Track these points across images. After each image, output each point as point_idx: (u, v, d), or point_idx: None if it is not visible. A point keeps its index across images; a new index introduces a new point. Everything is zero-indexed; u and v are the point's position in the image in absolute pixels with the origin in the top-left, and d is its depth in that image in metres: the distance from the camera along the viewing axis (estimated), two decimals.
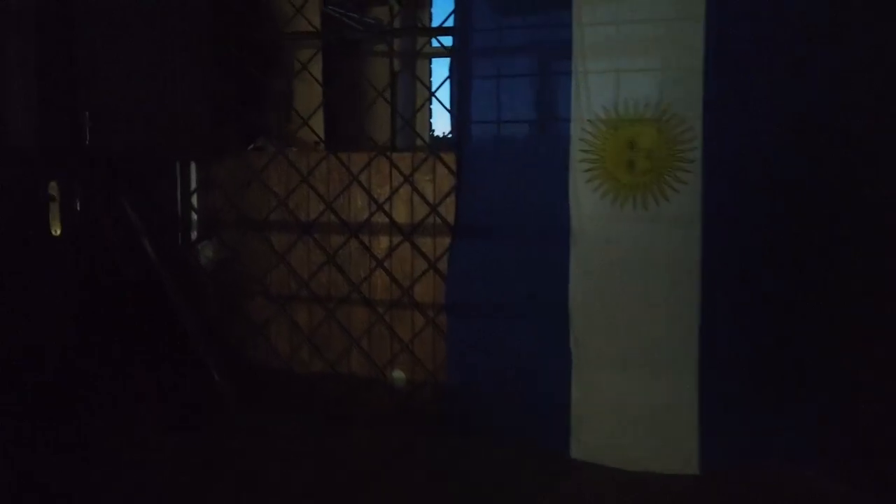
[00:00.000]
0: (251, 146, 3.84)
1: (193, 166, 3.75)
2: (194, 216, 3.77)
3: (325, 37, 3.93)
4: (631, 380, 2.77)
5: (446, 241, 3.23)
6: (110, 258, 2.82)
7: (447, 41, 3.21)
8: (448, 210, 3.25)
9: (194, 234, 3.80)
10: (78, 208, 2.51)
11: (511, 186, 3.00)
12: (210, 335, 3.57)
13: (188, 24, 3.18)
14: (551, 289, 2.89)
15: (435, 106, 5.85)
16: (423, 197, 3.37)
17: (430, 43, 5.21)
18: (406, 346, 3.42)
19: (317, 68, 3.86)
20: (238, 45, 3.46)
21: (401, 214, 3.45)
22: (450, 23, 3.15)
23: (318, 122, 3.97)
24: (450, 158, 3.25)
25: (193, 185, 3.74)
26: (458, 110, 3.12)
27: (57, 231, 2.43)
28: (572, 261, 2.86)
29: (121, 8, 2.89)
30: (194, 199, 3.75)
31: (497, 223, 3.04)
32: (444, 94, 5.46)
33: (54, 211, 2.43)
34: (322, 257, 3.53)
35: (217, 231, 3.74)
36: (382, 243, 3.48)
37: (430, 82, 5.73)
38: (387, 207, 3.43)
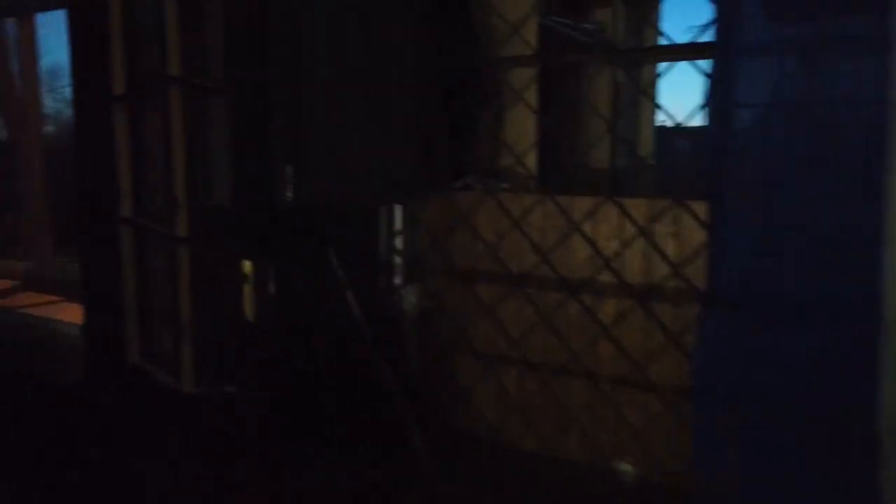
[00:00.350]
0: (458, 184, 3.46)
1: (398, 206, 3.47)
2: (398, 259, 3.49)
3: (542, 59, 3.43)
4: None
5: (692, 310, 2.60)
6: (308, 341, 2.59)
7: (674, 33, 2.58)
8: (696, 272, 2.60)
9: (398, 279, 3.52)
10: (273, 291, 2.28)
11: (789, 251, 2.30)
12: (411, 396, 3.28)
13: (393, 58, 2.86)
14: (850, 393, 2.15)
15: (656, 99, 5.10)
16: (662, 254, 2.75)
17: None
18: (637, 434, 2.83)
19: (531, 93, 3.38)
20: (447, 75, 3.09)
21: (633, 273, 2.86)
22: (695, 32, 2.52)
23: (530, 153, 3.50)
24: (700, 207, 2.60)
25: (398, 225, 3.46)
26: (715, 147, 2.47)
27: (251, 316, 2.21)
28: (883, 359, 2.09)
29: (321, 51, 2.62)
30: (398, 241, 3.48)
31: (765, 294, 2.35)
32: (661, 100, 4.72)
33: (248, 294, 2.21)
34: (535, 316, 3.06)
35: (421, 277, 3.42)
36: (609, 307, 2.92)
37: (654, 93, 5.00)
38: (616, 264, 2.86)
